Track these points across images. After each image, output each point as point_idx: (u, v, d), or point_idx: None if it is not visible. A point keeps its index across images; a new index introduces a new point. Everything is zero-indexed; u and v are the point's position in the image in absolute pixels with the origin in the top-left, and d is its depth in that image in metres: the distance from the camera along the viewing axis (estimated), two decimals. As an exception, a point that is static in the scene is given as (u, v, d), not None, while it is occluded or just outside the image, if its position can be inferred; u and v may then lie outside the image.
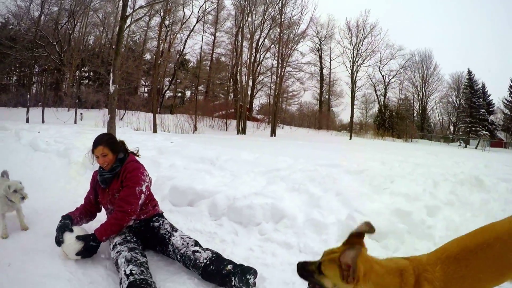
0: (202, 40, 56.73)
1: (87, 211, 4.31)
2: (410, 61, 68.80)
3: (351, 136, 47.32)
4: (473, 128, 60.93)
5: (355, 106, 58.65)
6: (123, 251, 3.53)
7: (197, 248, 3.73)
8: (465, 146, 54.20)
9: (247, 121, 41.00)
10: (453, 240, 2.42)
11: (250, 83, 41.93)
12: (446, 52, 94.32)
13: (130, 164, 4.14)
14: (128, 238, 3.80)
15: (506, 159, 24.04)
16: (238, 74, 46.19)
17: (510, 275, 2.17)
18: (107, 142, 4.12)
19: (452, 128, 73.44)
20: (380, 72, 67.35)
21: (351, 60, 56.19)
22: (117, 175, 4.11)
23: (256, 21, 39.13)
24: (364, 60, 58.27)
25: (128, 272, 3.27)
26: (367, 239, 2.39)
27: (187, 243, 3.79)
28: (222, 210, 5.21)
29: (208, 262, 3.51)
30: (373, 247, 4.13)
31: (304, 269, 2.33)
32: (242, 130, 35.69)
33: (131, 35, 49.22)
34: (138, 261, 3.43)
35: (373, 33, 58.12)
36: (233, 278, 3.32)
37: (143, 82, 60.29)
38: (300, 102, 69.40)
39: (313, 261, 2.31)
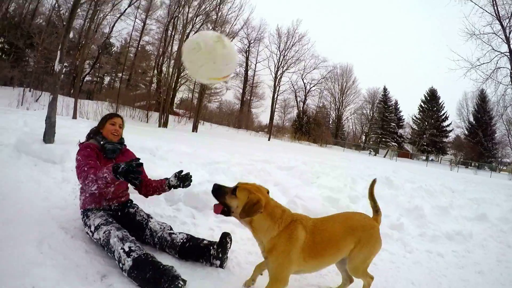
0: (134, 25, 53.36)
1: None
2: (331, 72, 72.82)
3: (269, 137, 49.01)
4: (383, 139, 66.43)
5: (274, 109, 60.63)
6: (112, 230, 3.49)
7: (172, 231, 3.95)
8: (375, 155, 58.90)
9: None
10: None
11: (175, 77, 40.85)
12: (366, 68, 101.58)
13: (127, 148, 4.38)
14: (110, 219, 3.71)
15: (410, 167, 26.82)
16: (165, 65, 44.84)
17: (346, 233, 3.32)
18: (122, 117, 4.38)
19: (363, 137, 78.92)
20: (303, 80, 70.36)
21: (276, 65, 58.16)
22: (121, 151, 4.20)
23: (190, 14, 38.21)
24: (288, 67, 60.30)
25: (127, 249, 3.27)
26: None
27: (164, 227, 3.96)
28: (178, 196, 5.49)
29: (184, 241, 3.78)
30: None
31: (220, 190, 3.17)
32: (164, 123, 34.96)
33: (56, 9, 45.08)
34: (131, 238, 3.45)
35: (301, 42, 60.37)
36: (211, 248, 3.69)
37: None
38: (221, 100, 69.97)
39: (228, 186, 3.18)
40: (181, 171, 4.14)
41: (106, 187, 3.68)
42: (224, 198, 3.13)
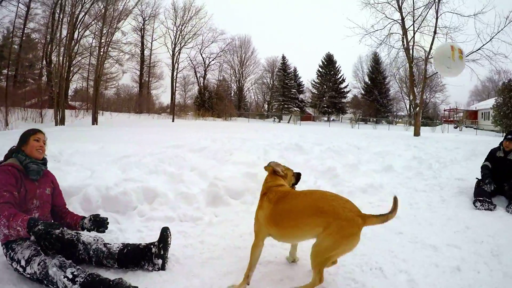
0: (17, 11, 44.95)
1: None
2: (230, 45, 73.23)
3: (173, 118, 48.16)
4: (285, 106, 68.38)
5: (175, 88, 59.51)
6: (47, 260, 3.15)
7: (106, 242, 3.75)
8: (279, 121, 60.50)
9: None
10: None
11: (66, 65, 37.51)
12: (264, 38, 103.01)
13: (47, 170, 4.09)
14: (39, 248, 3.28)
15: (315, 129, 27.93)
16: (54, 54, 40.35)
17: (311, 212, 3.23)
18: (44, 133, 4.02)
19: (266, 106, 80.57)
20: (201, 55, 70.02)
21: (174, 42, 56.03)
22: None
23: None
24: (186, 42, 58.66)
25: (70, 276, 3.03)
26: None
27: (97, 239, 3.73)
28: (96, 203, 5.07)
29: (122, 247, 3.62)
30: (235, 204, 5.46)
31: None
32: (61, 121, 32.46)
33: None
34: (69, 263, 3.17)
35: (198, 16, 58.93)
36: (152, 247, 3.60)
37: None
38: (117, 86, 66.96)
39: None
40: (98, 215, 3.93)
41: (18, 236, 3.32)
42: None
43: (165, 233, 3.69)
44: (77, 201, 5.01)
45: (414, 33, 27.13)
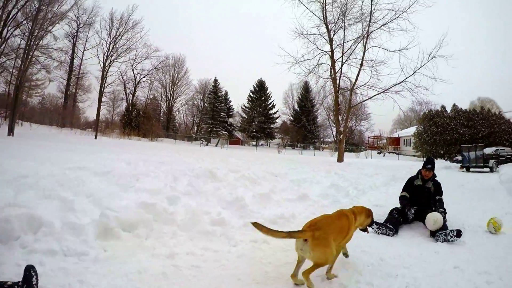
0: None
1: None
2: (163, 63, 72.12)
3: (96, 135, 44.86)
4: (214, 128, 67.97)
5: (103, 103, 56.75)
6: None
7: None
8: (207, 144, 59.99)
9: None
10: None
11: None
12: (198, 60, 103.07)
13: None
14: None
15: (240, 153, 27.81)
16: None
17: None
18: None
19: (195, 128, 79.87)
20: (133, 70, 68.06)
21: (106, 54, 52.31)
22: None
23: None
24: (119, 56, 55.26)
25: None
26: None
27: None
28: None
29: None
30: (127, 238, 4.83)
31: None
32: None
33: None
34: None
35: (134, 30, 56.80)
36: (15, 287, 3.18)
37: None
38: (43, 94, 62.67)
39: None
40: None
41: None
42: None
43: (28, 273, 3.17)
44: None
45: (342, 65, 28.35)
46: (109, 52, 53.16)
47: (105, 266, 4.14)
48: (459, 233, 6.03)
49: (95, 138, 41.92)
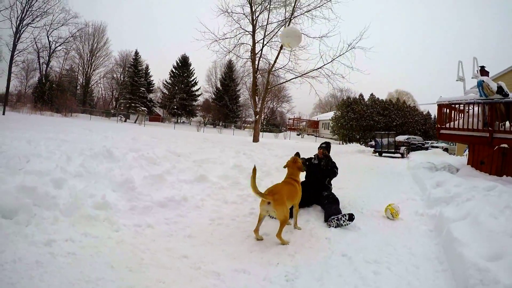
0: None
1: None
2: (82, 30, 68.27)
3: (4, 111, 41.08)
4: (133, 104, 65.90)
5: (14, 74, 52.61)
6: None
7: None
8: (125, 120, 58.34)
9: None
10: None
11: None
12: (120, 30, 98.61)
13: None
14: None
15: (156, 130, 27.41)
16: None
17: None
18: None
19: (114, 103, 77.13)
20: (48, 37, 63.40)
21: (20, 16, 48.34)
22: None
23: None
24: (33, 20, 51.05)
25: None
26: None
27: None
28: None
29: None
30: (7, 225, 4.58)
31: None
32: None
33: None
34: None
35: None
36: None
37: None
38: None
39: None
40: None
41: None
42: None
43: None
44: None
45: (262, 46, 28.76)
46: (23, 16, 49.35)
47: None
48: (351, 217, 6.12)
49: (3, 113, 38.79)
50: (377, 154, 28.60)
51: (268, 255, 4.71)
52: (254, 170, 5.30)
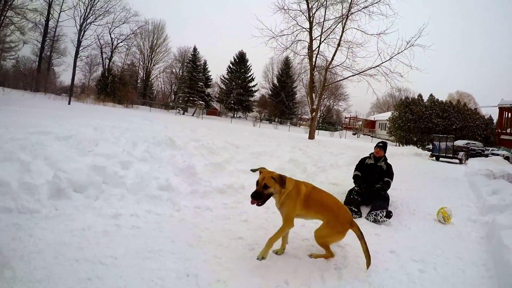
0: None
1: None
2: (142, 28, 70.95)
3: (69, 101, 43.45)
4: (191, 98, 67.45)
5: (79, 68, 55.76)
6: None
7: None
8: (183, 113, 59.67)
9: None
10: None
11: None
12: (179, 27, 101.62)
13: None
14: None
15: (213, 124, 28.08)
16: None
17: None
18: None
19: (173, 96, 79.27)
20: (110, 34, 66.76)
21: (83, 16, 52.50)
22: None
23: None
24: (96, 19, 55.63)
25: None
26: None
27: None
28: None
29: None
30: (77, 198, 5.22)
31: (258, 194, 4.24)
32: None
33: None
34: None
35: None
36: None
37: None
38: (17, 57, 61.56)
39: (256, 188, 4.30)
40: None
41: None
42: (263, 195, 4.29)
43: None
44: None
45: (320, 43, 28.55)
46: (86, 15, 52.45)
47: (54, 223, 4.52)
48: (388, 214, 6.30)
49: (69, 103, 40.87)
50: (434, 158, 27.07)
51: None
52: None
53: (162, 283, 3.50)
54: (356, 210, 6.63)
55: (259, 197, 4.24)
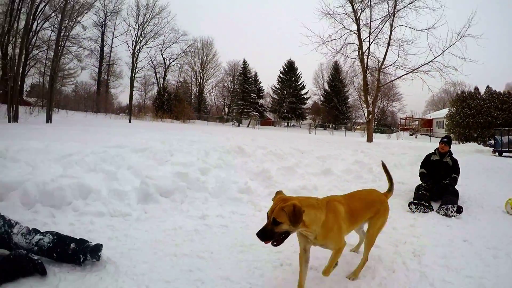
0: None
1: None
2: (191, 46, 72.64)
3: (130, 119, 46.17)
4: (245, 110, 68.54)
5: (134, 88, 58.35)
6: None
7: (38, 236, 3.75)
8: (238, 125, 60.56)
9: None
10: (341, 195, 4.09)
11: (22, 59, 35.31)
12: (226, 42, 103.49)
13: None
14: None
15: (270, 133, 28.41)
16: (10, 46, 36.21)
17: (368, 206, 4.03)
18: None
19: (226, 109, 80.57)
20: (162, 55, 69.03)
21: (135, 40, 55.14)
22: None
23: None
24: (147, 41, 58.24)
25: None
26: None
27: (30, 240, 3.71)
28: (34, 197, 5.21)
29: (51, 245, 3.67)
30: (164, 201, 5.71)
31: (266, 232, 3.17)
32: (14, 117, 30.60)
33: None
34: None
35: (161, 15, 58.93)
36: (81, 256, 3.62)
37: None
38: (76, 83, 64.75)
39: (265, 225, 3.23)
40: None
41: None
42: (274, 233, 3.17)
43: (95, 254, 3.70)
44: (16, 196, 5.14)
45: (369, 44, 27.91)
46: (137, 39, 54.96)
47: (146, 224, 5.01)
48: (459, 209, 6.33)
49: (129, 121, 42.85)
50: (496, 154, 24.45)
51: (398, 235, 5.14)
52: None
53: (260, 272, 3.82)
54: (427, 204, 6.65)
55: (268, 237, 3.20)
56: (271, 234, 3.16)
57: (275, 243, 3.22)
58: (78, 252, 3.64)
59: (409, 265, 4.14)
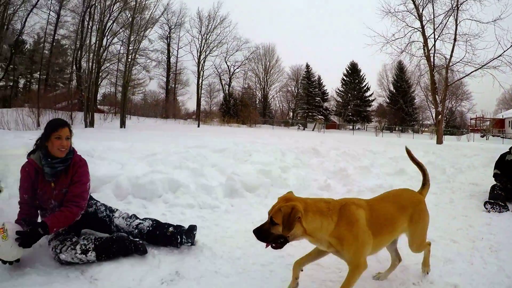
0: (48, 18, 48.25)
1: (32, 215, 3.79)
2: (254, 53, 73.86)
3: (199, 124, 48.48)
4: (310, 113, 68.58)
5: (201, 95, 60.45)
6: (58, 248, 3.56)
7: (138, 221, 4.10)
8: (303, 129, 60.72)
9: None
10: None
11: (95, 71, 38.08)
12: (288, 47, 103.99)
13: (80, 158, 3.94)
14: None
15: (337, 136, 28.35)
16: (84, 59, 41.35)
17: (399, 212, 3.32)
18: (69, 125, 3.84)
19: (291, 113, 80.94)
20: (226, 63, 70.82)
21: (199, 50, 57.34)
22: (66, 169, 3.79)
23: (107, 1, 35.27)
24: (211, 51, 60.16)
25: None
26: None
27: (130, 223, 4.05)
28: (127, 190, 5.70)
29: (151, 229, 4.01)
30: (250, 196, 6.16)
31: (261, 231, 2.86)
32: (90, 123, 33.28)
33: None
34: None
35: (222, 25, 60.47)
36: (178, 237, 3.96)
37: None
38: (145, 91, 69.13)
39: (263, 223, 2.92)
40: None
41: None
42: (270, 234, 2.86)
43: (190, 234, 4.06)
44: (109, 188, 5.66)
45: (435, 41, 27.34)
46: (201, 48, 57.05)
47: (234, 215, 5.48)
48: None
49: (198, 126, 44.55)
50: None
51: (475, 232, 5.20)
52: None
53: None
54: (502, 204, 6.52)
55: (263, 237, 2.89)
56: (267, 234, 2.87)
57: (273, 245, 2.90)
58: (176, 234, 3.99)
59: (487, 259, 4.20)
